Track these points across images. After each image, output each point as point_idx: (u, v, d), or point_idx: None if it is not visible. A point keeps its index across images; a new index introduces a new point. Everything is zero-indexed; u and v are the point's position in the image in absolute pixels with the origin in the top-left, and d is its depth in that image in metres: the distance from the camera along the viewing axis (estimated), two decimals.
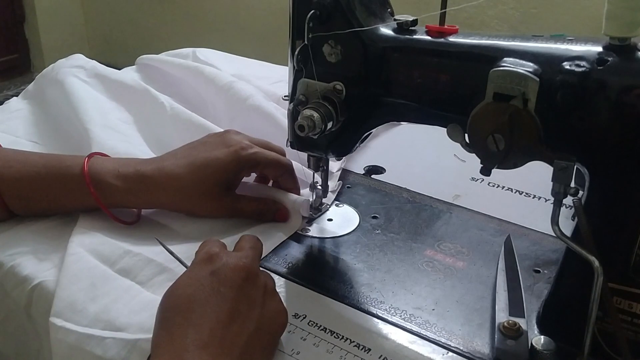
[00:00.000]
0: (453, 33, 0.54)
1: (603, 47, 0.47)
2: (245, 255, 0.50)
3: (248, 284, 0.48)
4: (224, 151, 0.65)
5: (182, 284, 0.48)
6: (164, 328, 0.45)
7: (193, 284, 0.47)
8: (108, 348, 0.51)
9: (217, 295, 0.46)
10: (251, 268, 0.49)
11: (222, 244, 0.53)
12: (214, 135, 0.69)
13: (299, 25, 0.57)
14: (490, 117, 0.48)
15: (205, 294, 0.46)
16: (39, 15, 2.92)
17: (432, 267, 0.62)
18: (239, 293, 0.47)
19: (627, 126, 0.45)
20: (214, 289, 0.47)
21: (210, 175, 0.64)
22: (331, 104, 0.58)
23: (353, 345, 0.52)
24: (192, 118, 0.81)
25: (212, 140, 0.67)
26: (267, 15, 2.49)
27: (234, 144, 0.66)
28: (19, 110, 0.89)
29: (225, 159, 0.64)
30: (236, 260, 0.49)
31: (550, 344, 0.50)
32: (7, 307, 0.60)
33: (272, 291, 0.51)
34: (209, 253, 0.50)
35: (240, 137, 0.67)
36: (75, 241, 0.60)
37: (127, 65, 1.03)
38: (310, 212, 0.69)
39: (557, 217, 0.48)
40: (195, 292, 0.46)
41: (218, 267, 0.48)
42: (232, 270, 0.48)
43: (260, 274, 0.51)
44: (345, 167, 0.80)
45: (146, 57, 0.99)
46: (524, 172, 0.51)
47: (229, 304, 0.46)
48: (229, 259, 0.49)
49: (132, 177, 0.63)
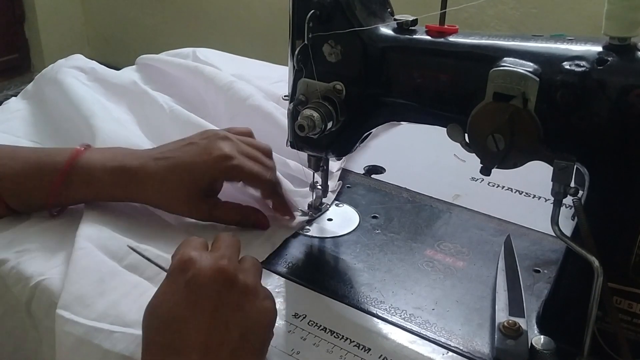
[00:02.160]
0: (453, 33, 0.54)
1: (603, 47, 0.47)
2: (220, 256, 0.48)
3: (226, 289, 0.46)
4: (204, 158, 0.64)
5: (159, 301, 0.46)
6: (148, 351, 0.45)
7: (169, 299, 0.46)
8: (116, 342, 0.51)
9: (194, 308, 0.45)
10: (227, 270, 0.46)
11: (199, 243, 0.50)
12: (204, 137, 0.67)
13: (299, 25, 0.57)
14: (490, 117, 0.48)
15: (182, 310, 0.45)
16: (39, 15, 2.92)
17: (432, 267, 0.62)
18: (217, 302, 0.45)
19: (627, 126, 0.45)
20: (191, 302, 0.45)
21: (188, 180, 0.63)
22: (331, 103, 0.58)
23: (353, 345, 0.52)
24: (191, 119, 0.80)
25: (199, 143, 0.66)
26: (267, 15, 2.49)
27: (217, 152, 0.64)
28: (18, 111, 0.89)
29: (202, 167, 0.63)
30: (211, 264, 0.46)
31: (550, 343, 0.50)
32: (7, 303, 0.60)
33: (254, 289, 0.48)
34: (182, 259, 0.47)
35: (225, 144, 0.65)
36: (83, 235, 0.60)
37: (127, 65, 1.03)
38: (310, 211, 0.70)
39: (557, 217, 0.48)
40: (172, 308, 0.45)
41: (192, 276, 0.45)
42: (207, 277, 0.45)
43: (238, 274, 0.47)
44: (345, 167, 0.80)
45: (146, 57, 0.99)
46: (524, 172, 0.51)
47: (208, 316, 0.44)
48: (203, 262, 0.46)
49: (117, 170, 0.63)
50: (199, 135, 0.68)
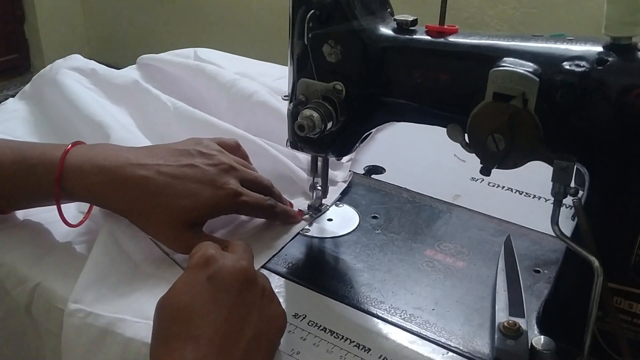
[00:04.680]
0: (453, 33, 0.54)
1: (603, 47, 0.47)
2: (241, 257, 0.49)
3: (246, 287, 0.47)
4: (209, 191, 0.60)
5: (178, 292, 0.47)
6: (161, 341, 0.45)
7: (189, 291, 0.46)
8: (140, 330, 0.52)
9: (215, 302, 0.45)
10: (249, 270, 0.48)
11: (217, 246, 0.51)
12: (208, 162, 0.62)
13: (299, 25, 0.57)
14: (490, 117, 0.48)
15: (203, 301, 0.45)
16: (39, 15, 2.92)
17: (432, 267, 0.62)
18: (237, 298, 0.46)
19: (627, 126, 0.45)
20: (211, 295, 0.46)
21: (182, 208, 0.58)
22: (331, 104, 0.58)
23: (353, 345, 0.52)
24: (196, 115, 0.80)
25: (205, 170, 0.61)
26: (267, 15, 2.49)
27: (227, 188, 0.60)
28: (16, 111, 0.89)
29: (207, 202, 0.59)
30: (233, 263, 0.48)
31: (550, 344, 0.50)
32: (7, 307, 0.60)
33: (270, 294, 0.50)
34: (204, 256, 0.48)
35: (232, 180, 0.61)
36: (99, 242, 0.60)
37: (127, 65, 1.03)
38: (309, 212, 0.69)
39: (557, 217, 0.48)
40: (192, 300, 0.45)
41: (215, 271, 0.47)
42: (229, 273, 0.47)
43: (257, 276, 0.50)
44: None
45: (147, 57, 0.99)
46: (524, 172, 0.51)
47: (227, 311, 0.45)
48: (226, 261, 0.48)
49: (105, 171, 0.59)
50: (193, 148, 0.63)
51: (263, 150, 0.74)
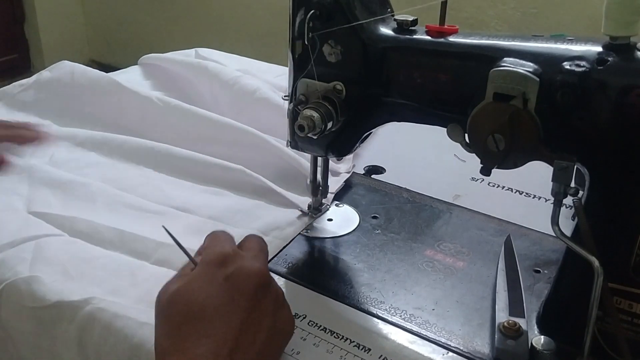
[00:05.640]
0: (453, 33, 0.54)
1: (603, 47, 0.47)
2: (257, 259, 0.49)
3: (261, 292, 0.47)
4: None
5: (194, 288, 0.46)
6: (172, 335, 0.44)
7: (206, 289, 0.45)
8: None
9: (231, 304, 0.45)
10: (265, 275, 0.48)
11: (231, 239, 0.50)
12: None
13: (299, 26, 0.57)
14: (490, 117, 0.48)
15: (219, 301, 0.45)
16: (39, 15, 2.92)
17: (432, 267, 0.62)
18: (252, 302, 0.46)
19: (627, 126, 0.45)
20: (228, 296, 0.45)
21: None
22: (331, 104, 0.58)
23: (353, 345, 0.52)
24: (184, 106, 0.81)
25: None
26: (267, 15, 2.49)
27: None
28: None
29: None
30: (250, 265, 0.47)
31: (550, 344, 0.50)
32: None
33: (282, 300, 0.50)
34: (222, 254, 0.47)
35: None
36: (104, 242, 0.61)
37: (127, 65, 1.03)
38: (309, 212, 0.70)
39: (557, 217, 0.48)
40: (208, 298, 0.45)
41: (232, 272, 0.46)
42: (247, 276, 0.46)
43: (272, 281, 0.49)
44: None
45: (149, 57, 0.99)
46: (524, 172, 0.51)
47: (242, 314, 0.45)
48: (243, 262, 0.47)
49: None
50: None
51: (266, 144, 0.75)
